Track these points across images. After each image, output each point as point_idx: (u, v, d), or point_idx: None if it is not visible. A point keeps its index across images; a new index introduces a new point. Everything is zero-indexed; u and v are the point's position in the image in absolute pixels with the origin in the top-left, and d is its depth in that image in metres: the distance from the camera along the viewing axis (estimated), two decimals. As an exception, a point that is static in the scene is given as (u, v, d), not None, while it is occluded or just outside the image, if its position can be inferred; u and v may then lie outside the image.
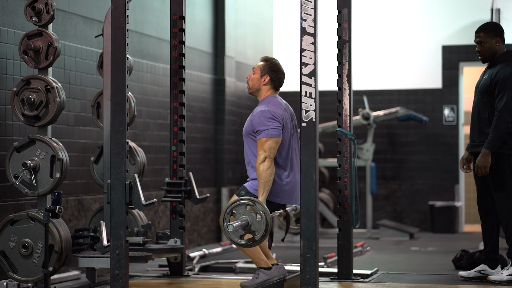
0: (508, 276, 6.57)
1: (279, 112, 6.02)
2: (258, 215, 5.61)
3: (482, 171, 6.57)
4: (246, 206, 5.64)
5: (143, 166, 7.04)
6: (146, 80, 8.90)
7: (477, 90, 6.75)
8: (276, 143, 5.94)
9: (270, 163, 5.88)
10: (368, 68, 12.17)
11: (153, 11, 9.08)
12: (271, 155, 5.90)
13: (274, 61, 6.22)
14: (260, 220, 5.61)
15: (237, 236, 5.65)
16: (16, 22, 6.69)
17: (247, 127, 6.07)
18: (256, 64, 6.25)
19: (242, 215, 5.65)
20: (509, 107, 6.51)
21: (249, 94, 6.31)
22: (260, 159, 5.88)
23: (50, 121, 6.20)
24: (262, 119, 5.96)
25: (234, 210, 5.66)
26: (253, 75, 6.20)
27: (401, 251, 9.52)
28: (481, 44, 6.71)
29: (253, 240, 5.64)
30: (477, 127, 6.70)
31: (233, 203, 5.67)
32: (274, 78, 6.18)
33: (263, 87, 6.18)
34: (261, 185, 5.86)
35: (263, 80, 6.17)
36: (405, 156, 12.15)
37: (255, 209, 5.62)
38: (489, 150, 6.53)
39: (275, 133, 5.94)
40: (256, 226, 5.64)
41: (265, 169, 5.86)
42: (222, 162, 10.71)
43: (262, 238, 5.64)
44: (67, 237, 6.14)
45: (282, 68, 6.24)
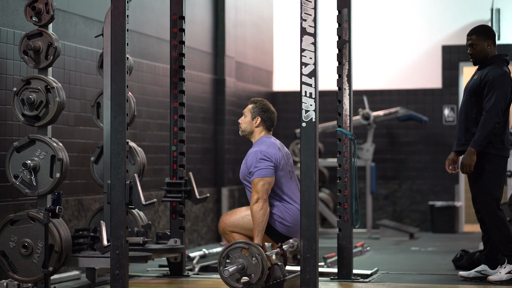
0: (506, 274, 6.57)
1: (271, 152, 6.04)
2: (254, 258, 5.64)
3: (467, 169, 6.61)
4: (242, 249, 5.68)
5: (143, 166, 7.04)
6: (146, 80, 8.90)
7: (466, 90, 6.80)
8: (269, 183, 5.98)
9: (263, 204, 5.92)
10: (368, 68, 12.17)
11: (153, 11, 9.08)
12: (264, 196, 5.94)
13: (264, 102, 6.26)
14: (256, 263, 5.65)
15: (233, 280, 5.69)
16: (16, 22, 6.69)
17: (243, 170, 6.12)
18: (246, 107, 6.26)
19: (238, 258, 5.68)
20: (497, 108, 6.55)
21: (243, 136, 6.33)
22: (253, 200, 5.94)
23: (50, 121, 6.20)
24: (254, 160, 6.01)
25: (229, 254, 5.70)
26: (244, 118, 6.23)
27: (401, 251, 9.52)
28: (473, 47, 6.76)
29: (249, 284, 5.69)
30: (463, 126, 6.75)
31: (228, 247, 5.72)
32: (265, 119, 6.20)
33: (256, 129, 6.22)
34: (255, 226, 5.91)
35: (254, 122, 6.20)
36: (405, 156, 12.15)
37: (250, 252, 5.67)
38: (475, 148, 6.57)
39: (267, 173, 5.97)
40: (252, 269, 5.68)
41: (257, 210, 5.91)
42: (222, 162, 10.71)
43: (259, 281, 5.68)
44: (67, 237, 6.14)
45: (272, 107, 6.28)
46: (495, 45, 6.80)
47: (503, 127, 6.64)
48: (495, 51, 6.79)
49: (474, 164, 6.61)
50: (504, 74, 6.64)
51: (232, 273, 5.63)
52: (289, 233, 6.11)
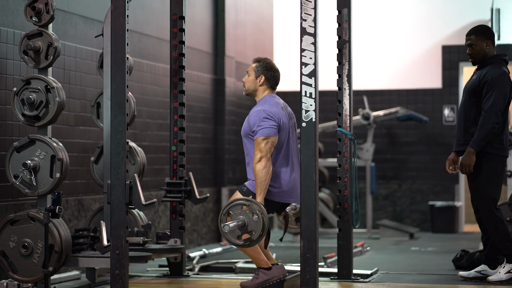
0: (506, 274, 6.58)
1: (275, 111, 6.01)
2: (255, 215, 5.62)
3: (466, 170, 6.62)
4: (243, 206, 5.64)
5: (143, 166, 7.04)
6: (146, 80, 8.90)
7: (465, 90, 6.82)
8: (272, 142, 5.94)
9: (266, 162, 5.87)
10: (368, 68, 12.17)
11: (153, 11, 9.08)
12: (267, 155, 5.89)
13: (267, 61, 6.23)
14: (256, 220, 5.61)
15: (234, 237, 5.65)
16: (16, 22, 6.69)
17: (245, 128, 6.07)
18: (250, 66, 6.25)
19: (239, 215, 5.65)
20: (496, 108, 6.57)
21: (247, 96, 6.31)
22: (256, 159, 5.88)
23: (50, 121, 6.20)
24: (257, 119, 5.96)
25: (230, 211, 5.66)
26: (248, 77, 6.20)
27: (401, 251, 9.52)
28: (472, 47, 6.78)
29: (250, 240, 5.65)
30: (462, 127, 6.76)
31: (229, 204, 5.68)
32: (269, 77, 6.18)
33: (260, 88, 6.18)
34: (257, 185, 5.86)
35: (258, 81, 6.17)
36: (405, 156, 12.15)
37: (251, 209, 5.62)
38: (474, 149, 6.58)
39: (270, 132, 5.93)
40: (253, 226, 5.64)
41: (260, 169, 5.86)
42: (222, 162, 10.71)
43: (259, 238, 5.63)
44: (67, 237, 6.14)
45: (276, 66, 6.24)
46: (494, 45, 6.81)
47: (502, 127, 6.65)
48: (494, 51, 6.80)
49: (477, 166, 6.61)
50: (503, 74, 6.65)
51: (232, 229, 5.58)
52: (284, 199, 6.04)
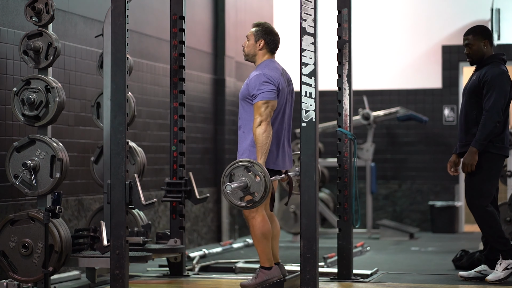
0: (503, 271, 6.57)
1: (274, 76, 5.99)
2: (257, 177, 5.56)
3: (468, 169, 6.62)
4: (244, 167, 5.58)
5: (143, 166, 7.04)
6: (146, 80, 8.90)
7: (465, 91, 6.82)
8: (272, 106, 5.91)
9: (266, 126, 5.84)
10: (368, 68, 12.17)
11: (153, 11, 9.08)
12: (267, 119, 5.85)
13: (267, 25, 6.22)
14: (259, 181, 5.54)
15: (236, 198, 5.57)
16: (16, 22, 6.69)
17: (243, 91, 6.03)
18: (249, 31, 6.21)
19: (241, 177, 5.60)
20: (497, 107, 6.56)
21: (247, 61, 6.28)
22: (256, 122, 5.85)
23: (50, 121, 6.20)
24: (257, 83, 5.93)
25: (232, 172, 5.60)
26: (247, 42, 6.18)
27: (401, 251, 9.52)
28: (469, 47, 6.78)
29: (252, 202, 5.55)
30: (464, 128, 6.76)
31: (231, 166, 5.60)
32: (269, 41, 6.17)
33: (259, 52, 6.17)
34: (258, 148, 5.82)
35: (258, 45, 6.16)
36: (405, 156, 12.15)
37: (253, 171, 5.53)
38: (477, 148, 6.58)
39: (270, 96, 5.90)
40: (255, 187, 5.55)
41: (261, 133, 5.83)
42: (222, 162, 10.71)
43: (261, 199, 5.53)
44: (67, 237, 6.14)
45: (275, 30, 6.23)
46: (492, 45, 6.81)
47: (502, 126, 6.65)
48: (491, 51, 6.80)
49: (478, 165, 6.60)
50: (502, 73, 6.65)
51: (234, 189, 5.52)
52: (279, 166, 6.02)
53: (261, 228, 5.95)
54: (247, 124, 5.99)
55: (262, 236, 5.95)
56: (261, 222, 5.97)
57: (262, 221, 5.97)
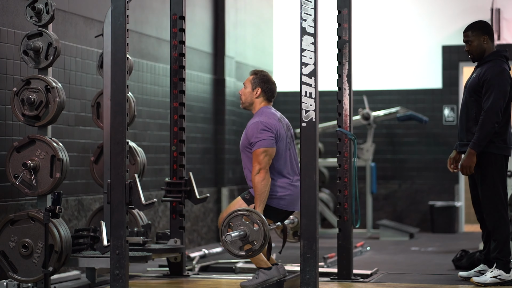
0: (491, 278, 6.52)
1: (272, 123, 6.02)
2: (256, 225, 5.63)
3: (467, 171, 6.57)
4: (243, 216, 5.66)
5: (143, 166, 7.04)
6: (146, 80, 8.90)
7: (466, 89, 6.76)
8: (270, 154, 5.96)
9: (265, 174, 5.90)
10: (368, 68, 12.17)
11: (153, 11, 9.08)
12: (265, 167, 5.92)
13: (264, 73, 6.24)
14: (257, 230, 5.63)
15: (236, 248, 5.66)
16: (16, 22, 6.69)
17: (243, 141, 6.10)
18: (246, 78, 6.25)
19: (240, 226, 5.66)
20: (495, 107, 6.49)
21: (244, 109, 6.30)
22: (255, 171, 5.91)
23: (50, 121, 6.20)
24: (255, 131, 5.98)
25: (230, 222, 5.68)
26: (244, 89, 6.21)
27: (401, 251, 9.52)
28: (469, 43, 6.72)
29: (252, 251, 5.66)
30: (464, 126, 6.70)
31: (229, 216, 5.69)
32: (266, 90, 6.18)
33: (256, 100, 6.20)
34: (257, 196, 5.89)
35: (255, 93, 6.18)
36: (405, 156, 12.15)
37: (251, 219, 5.64)
38: (474, 150, 6.52)
39: (268, 144, 5.95)
40: (254, 235, 5.65)
41: (259, 181, 5.88)
42: (222, 162, 10.71)
43: (261, 247, 5.65)
44: (67, 237, 6.14)
45: (272, 79, 6.26)
46: (492, 40, 6.72)
47: (504, 126, 6.57)
48: (493, 47, 6.72)
49: (479, 166, 6.57)
50: (502, 72, 6.57)
51: (234, 239, 5.58)
52: (287, 207, 6.06)
53: None
54: None
55: None
56: None
57: None
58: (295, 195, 6.04)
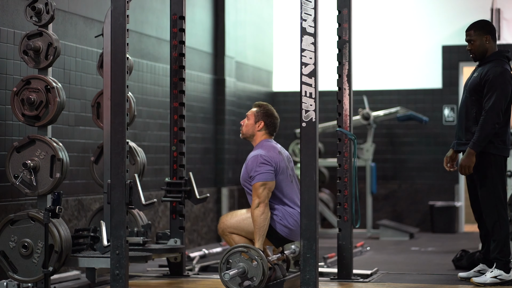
0: (491, 278, 6.52)
1: (271, 156, 6.01)
2: (254, 261, 5.63)
3: (466, 171, 6.56)
4: (241, 253, 5.67)
5: (143, 166, 7.04)
6: (146, 80, 8.90)
7: (466, 87, 6.74)
8: (270, 187, 5.95)
9: (264, 208, 5.89)
10: (368, 68, 12.17)
11: (153, 11, 9.08)
12: (265, 200, 5.91)
13: (268, 107, 6.21)
14: (256, 266, 5.64)
15: (235, 284, 5.67)
16: (16, 22, 6.69)
17: (243, 175, 6.10)
18: (250, 110, 6.23)
19: (238, 262, 5.67)
20: (496, 108, 6.47)
21: (244, 139, 6.29)
22: (254, 204, 5.91)
23: (50, 121, 6.20)
24: (254, 164, 5.97)
25: (229, 259, 5.69)
26: (247, 121, 6.19)
27: (401, 251, 9.52)
28: (471, 42, 6.70)
29: (251, 287, 5.67)
30: (464, 125, 6.68)
31: (227, 253, 5.71)
32: (268, 123, 6.16)
33: (258, 133, 6.18)
34: (256, 231, 5.88)
35: (257, 126, 6.16)
36: (405, 156, 12.15)
37: (250, 255, 5.65)
38: (474, 150, 6.51)
39: (267, 177, 5.94)
40: (253, 272, 5.66)
41: (259, 215, 5.88)
42: (222, 162, 10.71)
43: (260, 283, 5.66)
44: (67, 237, 6.14)
45: (275, 113, 6.23)
46: (495, 40, 6.70)
47: (504, 126, 6.56)
48: (495, 47, 6.70)
49: (478, 167, 6.55)
50: (504, 72, 6.54)
51: (233, 277, 5.61)
52: (291, 237, 6.07)
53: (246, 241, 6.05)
54: None
55: None
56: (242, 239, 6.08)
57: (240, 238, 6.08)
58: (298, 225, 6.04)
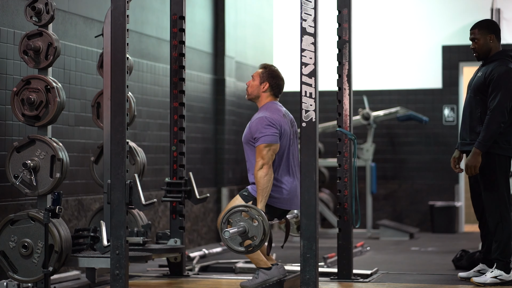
0: (491, 278, 6.51)
1: (277, 118, 6.02)
2: (255, 221, 5.62)
3: (472, 171, 6.53)
4: (241, 212, 5.65)
5: (143, 166, 7.04)
6: (146, 80, 8.90)
7: (470, 87, 6.72)
8: (274, 150, 5.96)
9: (268, 169, 5.89)
10: (368, 68, 12.17)
11: (153, 11, 9.08)
12: (269, 162, 5.91)
13: (273, 68, 6.22)
14: (257, 225, 5.62)
15: (236, 244, 5.66)
16: (16, 22, 6.69)
17: (246, 134, 6.08)
18: (256, 71, 6.24)
19: (239, 222, 5.65)
20: (502, 107, 6.45)
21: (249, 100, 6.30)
22: (258, 166, 5.90)
23: (50, 121, 6.20)
24: (260, 126, 5.97)
25: (230, 219, 5.67)
26: (252, 82, 6.20)
27: (401, 251, 9.52)
28: (475, 41, 6.68)
29: (252, 246, 5.65)
30: (468, 126, 6.65)
31: (228, 212, 5.68)
32: (273, 85, 6.17)
33: (263, 94, 6.19)
34: (259, 192, 5.88)
35: (262, 87, 6.17)
36: (405, 156, 12.15)
37: (250, 215, 5.63)
38: (480, 150, 6.49)
39: (272, 140, 5.95)
40: (254, 231, 5.64)
41: (262, 176, 5.88)
42: (222, 162, 10.71)
43: (261, 243, 5.64)
44: (67, 237, 6.14)
45: (281, 74, 6.24)
46: (499, 40, 6.67)
47: (510, 126, 6.53)
48: (499, 47, 6.67)
49: (482, 167, 6.53)
50: (508, 71, 6.51)
51: (233, 235, 5.57)
52: (280, 205, 6.05)
53: None
54: None
55: None
56: None
57: None
58: (292, 193, 6.04)
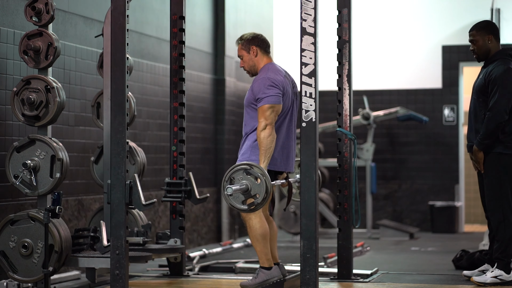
0: (491, 278, 6.51)
1: (278, 79, 6.01)
2: (258, 179, 5.57)
3: (477, 167, 6.60)
4: (244, 170, 5.60)
5: (143, 166, 7.05)
6: (146, 80, 8.90)
7: (473, 90, 6.72)
8: (277, 110, 5.95)
9: (271, 130, 5.88)
10: (368, 68, 12.17)
11: (153, 11, 9.08)
12: (272, 122, 5.89)
13: (246, 34, 6.24)
14: (259, 183, 5.56)
15: (238, 202, 5.57)
16: (16, 22, 6.69)
17: (248, 96, 6.07)
18: (237, 50, 6.24)
19: (241, 180, 5.60)
20: (499, 106, 6.44)
21: (253, 76, 6.27)
22: (261, 126, 5.88)
23: (50, 121, 6.20)
24: (262, 87, 5.96)
25: (232, 177, 5.61)
26: (242, 60, 6.21)
27: (401, 251, 9.53)
28: (474, 43, 6.69)
29: (254, 204, 5.56)
30: (473, 128, 6.66)
31: (230, 170, 5.62)
32: (259, 44, 6.18)
33: (257, 59, 6.18)
34: (262, 152, 5.85)
35: (253, 54, 6.17)
36: (405, 156, 12.15)
37: (253, 173, 5.56)
38: (478, 147, 6.52)
39: (275, 100, 5.93)
40: (256, 189, 5.55)
41: (266, 136, 5.86)
42: (222, 162, 10.71)
43: (264, 201, 5.54)
44: (67, 237, 6.15)
45: (256, 32, 6.26)
46: (498, 40, 6.67)
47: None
48: (498, 47, 6.66)
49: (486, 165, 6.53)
50: (507, 70, 6.50)
51: (235, 191, 5.51)
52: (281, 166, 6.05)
53: (259, 229, 5.96)
54: (252, 129, 6.01)
55: (260, 236, 5.96)
56: (259, 223, 5.98)
57: (260, 222, 5.98)
58: (284, 155, 6.03)
